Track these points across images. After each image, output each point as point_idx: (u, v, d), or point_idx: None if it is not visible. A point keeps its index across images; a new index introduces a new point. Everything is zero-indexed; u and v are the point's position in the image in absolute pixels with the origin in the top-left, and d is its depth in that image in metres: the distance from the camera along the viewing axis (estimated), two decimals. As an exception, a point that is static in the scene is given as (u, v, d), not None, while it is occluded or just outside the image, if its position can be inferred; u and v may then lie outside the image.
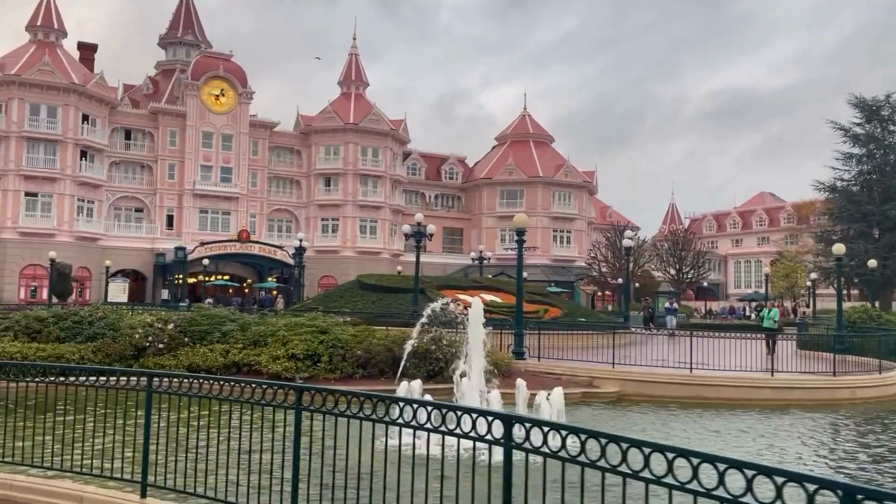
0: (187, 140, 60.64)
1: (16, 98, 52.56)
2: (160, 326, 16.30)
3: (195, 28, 70.67)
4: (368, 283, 28.18)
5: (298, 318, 16.63)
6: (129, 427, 6.59)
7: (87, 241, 54.73)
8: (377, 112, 67.49)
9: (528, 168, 72.38)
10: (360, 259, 65.02)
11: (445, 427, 3.97)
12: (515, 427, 3.57)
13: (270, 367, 15.19)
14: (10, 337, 15.73)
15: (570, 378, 15.81)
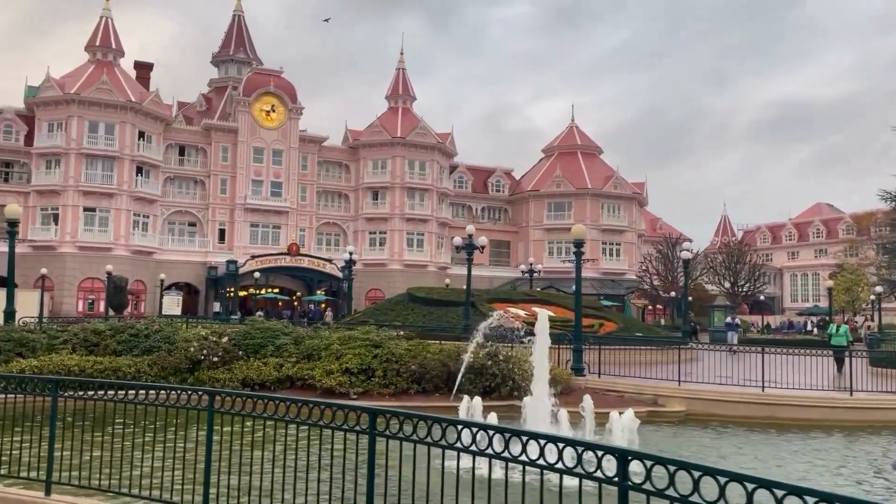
0: (239, 155, 61.69)
1: (75, 116, 54.26)
2: (214, 340, 16.22)
3: (246, 46, 72.11)
4: (419, 296, 27.89)
5: (352, 332, 16.38)
6: (174, 443, 6.29)
7: (142, 255, 55.97)
8: (424, 126, 67.63)
9: (577, 180, 71.46)
10: (407, 272, 65.00)
11: (544, 461, 3.54)
12: (633, 464, 3.11)
13: (324, 382, 14.94)
14: (69, 350, 15.85)
15: (633, 396, 15.14)
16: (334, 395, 14.85)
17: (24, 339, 15.43)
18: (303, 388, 15.58)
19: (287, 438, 5.61)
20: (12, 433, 6.58)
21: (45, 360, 14.95)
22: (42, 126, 54.90)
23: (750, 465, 10.37)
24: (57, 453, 6.15)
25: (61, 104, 54.25)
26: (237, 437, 5.57)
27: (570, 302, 31.03)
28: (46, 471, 5.82)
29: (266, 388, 15.69)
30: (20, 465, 6.06)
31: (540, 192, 71.58)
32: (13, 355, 15.05)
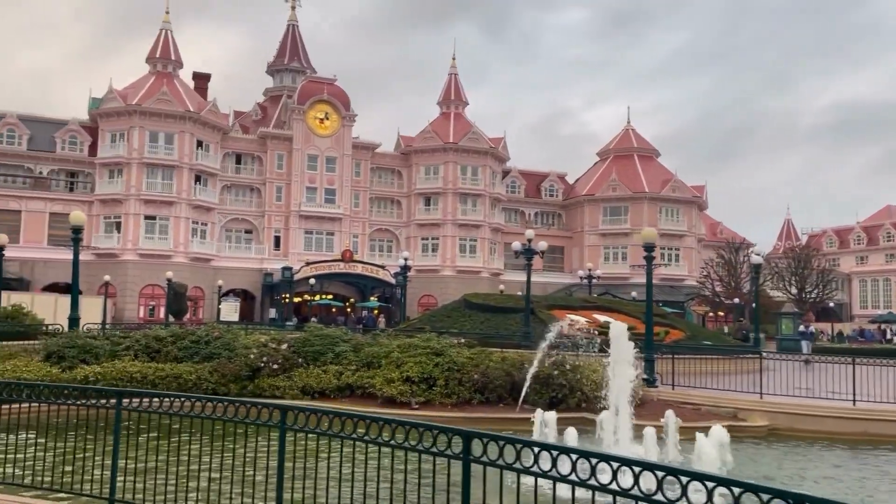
0: (293, 163, 62.36)
1: (137, 126, 55.68)
2: (274, 347, 16.02)
3: (300, 55, 73.03)
4: (475, 303, 27.35)
5: (412, 340, 15.94)
6: (243, 458, 5.88)
7: (200, 262, 56.98)
8: (476, 131, 67.19)
9: (633, 183, 69.89)
10: (460, 278, 64.59)
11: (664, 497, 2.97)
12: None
13: (385, 390, 14.53)
14: (131, 356, 15.85)
15: (710, 409, 14.26)
16: (395, 404, 14.44)
17: (87, 345, 15.49)
18: (363, 396, 15.22)
19: (357, 454, 5.12)
20: (75, 444, 6.29)
21: (108, 367, 14.97)
22: (105, 136, 56.51)
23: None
24: (120, 468, 5.83)
25: (123, 115, 55.75)
26: (310, 455, 5.11)
27: (632, 308, 30.08)
28: (109, 489, 5.51)
29: (326, 397, 15.39)
30: (83, 481, 5.77)
31: (595, 196, 70.24)
32: (77, 362, 15.12)
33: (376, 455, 4.99)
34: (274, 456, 5.46)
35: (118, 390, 5.80)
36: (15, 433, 6.97)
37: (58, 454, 6.38)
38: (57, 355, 15.14)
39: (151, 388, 15.03)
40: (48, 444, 6.46)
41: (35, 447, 6.62)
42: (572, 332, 14.88)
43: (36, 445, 6.62)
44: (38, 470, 6.26)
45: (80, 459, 6.36)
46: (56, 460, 6.41)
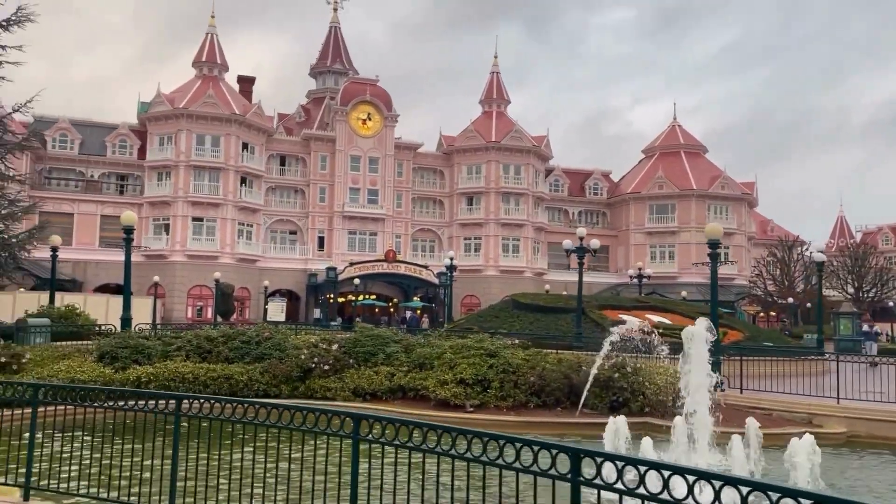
0: (337, 164, 62.58)
1: (184, 130, 56.51)
2: (325, 347, 15.77)
3: (343, 57, 73.34)
4: (524, 303, 26.80)
5: (464, 340, 15.52)
6: (313, 467, 5.50)
7: (246, 263, 57.57)
8: (519, 129, 66.51)
9: (680, 181, 68.30)
10: (503, 278, 64.03)
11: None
12: None
13: (438, 393, 14.13)
14: (183, 356, 15.78)
15: (782, 414, 13.49)
16: (449, 406, 14.03)
17: (140, 346, 15.47)
18: (415, 398, 14.86)
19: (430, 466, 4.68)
20: (132, 450, 6.00)
21: (161, 368, 14.90)
22: (153, 140, 57.51)
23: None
24: (180, 476, 5.53)
25: (171, 118, 56.65)
26: (387, 469, 4.69)
27: (685, 308, 29.14)
28: (169, 499, 5.21)
29: (377, 399, 15.08)
30: (140, 490, 5.49)
31: (641, 194, 68.84)
32: (130, 362, 15.10)
33: (447, 468, 4.53)
34: (331, 462, 5.09)
35: (178, 395, 5.50)
36: (70, 435, 6.75)
37: (112, 460, 6.10)
38: (110, 356, 15.15)
39: (203, 388, 14.92)
40: (103, 449, 6.20)
41: (91, 452, 6.38)
42: (634, 334, 14.23)
43: (92, 450, 6.39)
44: (93, 477, 6.01)
45: (138, 466, 6.10)
46: (111, 465, 6.15)
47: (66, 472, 6.58)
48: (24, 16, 17.73)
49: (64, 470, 6.51)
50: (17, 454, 7.43)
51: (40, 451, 6.59)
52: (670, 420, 13.07)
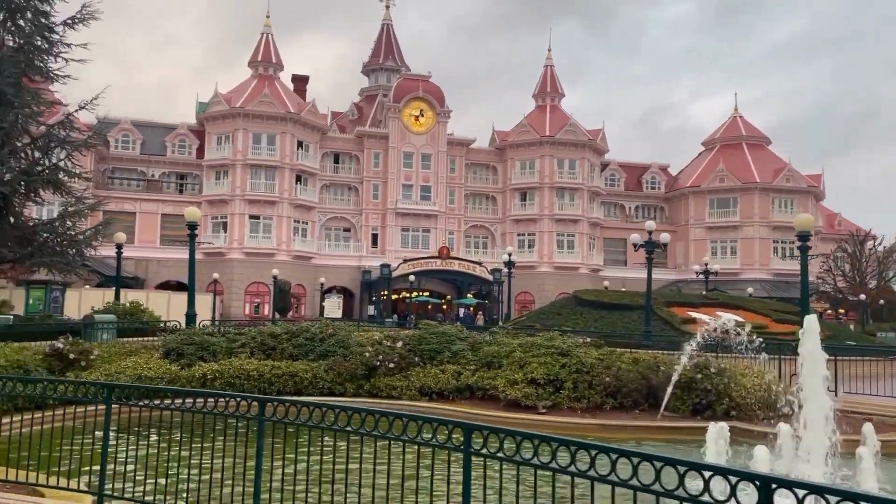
0: (390, 161, 62.57)
1: (241, 129, 57.28)
2: (389, 345, 15.38)
3: (395, 54, 73.31)
4: (587, 300, 26.00)
5: (534, 339, 14.92)
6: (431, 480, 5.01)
7: (301, 260, 58.04)
8: (574, 123, 65.29)
9: (742, 173, 66.01)
10: (558, 275, 63.08)
11: None
12: None
13: (508, 393, 13.56)
14: (247, 353, 15.61)
15: (882, 418, 12.48)
16: (520, 407, 13.46)
17: (205, 342, 15.37)
18: (483, 398, 14.34)
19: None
20: (211, 453, 5.62)
21: (226, 365, 14.75)
22: (211, 139, 58.47)
23: None
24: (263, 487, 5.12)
25: (228, 118, 57.48)
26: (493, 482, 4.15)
27: (758, 305, 27.86)
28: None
29: (444, 398, 14.62)
30: (222, 500, 5.11)
31: (701, 187, 66.81)
32: (195, 359, 14.99)
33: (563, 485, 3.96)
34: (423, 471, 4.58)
35: (261, 397, 5.09)
36: (140, 436, 6.43)
37: (189, 465, 5.74)
38: (176, 352, 15.08)
39: (268, 386, 14.71)
40: (179, 453, 5.85)
41: (167, 455, 6.04)
42: (724, 331, 13.36)
43: (168, 453, 6.05)
44: (168, 484, 5.67)
45: (213, 470, 5.73)
46: (189, 471, 5.79)
47: (139, 476, 6.28)
48: (89, 14, 17.90)
49: (138, 475, 6.20)
50: (83, 454, 7.21)
51: (115, 452, 6.30)
52: (759, 424, 12.25)
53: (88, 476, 6.57)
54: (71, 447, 6.90)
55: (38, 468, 6.58)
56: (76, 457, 6.89)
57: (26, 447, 6.44)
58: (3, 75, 15.94)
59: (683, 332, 21.45)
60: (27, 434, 6.74)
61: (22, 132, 17.75)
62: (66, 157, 18.54)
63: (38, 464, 6.67)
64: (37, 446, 6.29)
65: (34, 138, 17.98)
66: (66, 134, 18.11)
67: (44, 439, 6.40)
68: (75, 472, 6.52)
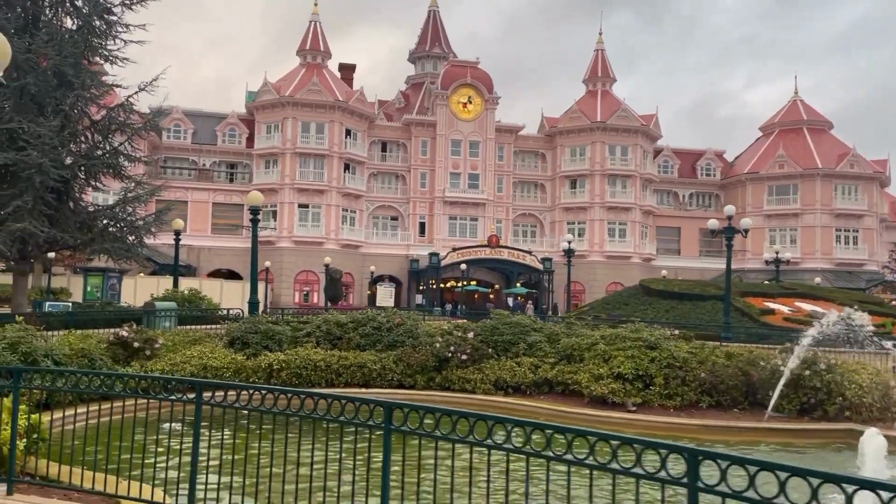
0: (437, 148, 61.75)
1: (290, 117, 57.11)
2: (460, 335, 14.57)
3: (441, 41, 72.30)
4: (656, 289, 24.82)
5: (617, 330, 13.93)
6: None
7: (350, 249, 57.75)
8: (626, 108, 63.45)
9: (803, 159, 63.32)
10: (609, 264, 61.61)
11: None
12: None
13: (593, 389, 12.63)
14: (313, 343, 14.99)
15: None
16: (606, 405, 12.53)
17: (270, 331, 14.80)
18: (563, 394, 13.44)
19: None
20: (310, 460, 4.87)
21: (292, 355, 14.16)
22: (261, 128, 58.48)
23: None
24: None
25: (277, 106, 57.37)
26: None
27: (841, 295, 26.29)
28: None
29: (521, 393, 13.77)
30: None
31: (759, 174, 64.33)
32: (261, 348, 14.44)
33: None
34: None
35: (386, 402, 4.29)
36: (224, 439, 5.71)
37: (284, 475, 5.00)
38: (240, 341, 14.54)
39: (335, 377, 14.07)
40: (273, 459, 5.10)
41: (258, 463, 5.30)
42: (833, 324, 12.19)
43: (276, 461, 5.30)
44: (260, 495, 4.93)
45: (319, 481, 4.96)
46: (284, 480, 5.04)
47: (231, 484, 5.57)
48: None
49: (226, 485, 5.49)
50: (160, 453, 6.52)
51: (206, 461, 5.59)
52: (878, 426, 11.06)
53: (164, 480, 5.85)
54: (144, 443, 6.26)
55: (118, 470, 5.93)
56: (159, 458, 6.23)
57: (94, 442, 5.76)
58: (63, 56, 15.56)
59: (764, 324, 20.15)
60: (95, 427, 6.06)
61: (81, 115, 17.43)
62: (126, 142, 18.19)
63: (117, 466, 6.03)
64: (107, 445, 5.61)
65: (94, 122, 17.66)
66: (126, 117, 17.76)
67: (113, 432, 5.74)
68: (151, 475, 5.82)
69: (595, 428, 11.36)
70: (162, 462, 6.01)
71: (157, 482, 5.60)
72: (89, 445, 6.38)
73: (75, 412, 7.45)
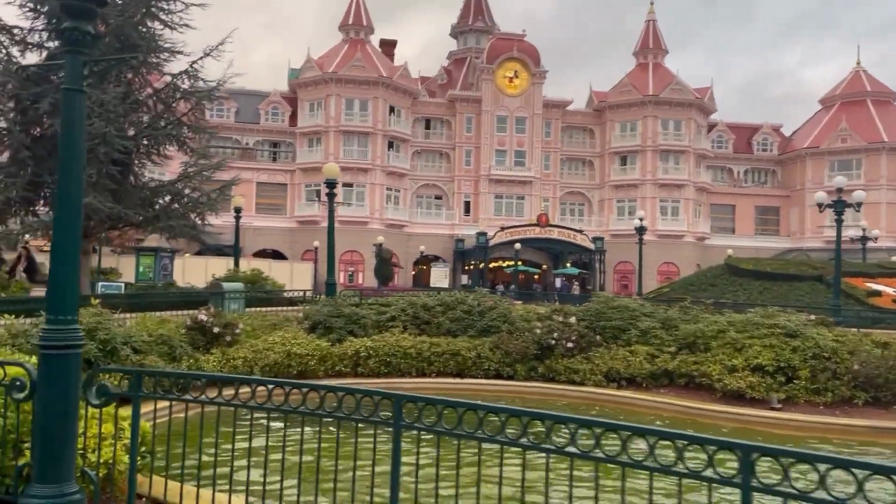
0: (482, 125, 60.05)
1: (333, 94, 55.85)
2: (561, 320, 13.15)
3: (485, 15, 70.20)
4: (744, 269, 23.07)
5: (749, 316, 12.38)
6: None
7: (394, 228, 56.57)
8: (679, 81, 60.88)
9: (867, 132, 60.22)
10: (661, 243, 59.44)
11: None
12: None
13: (727, 382, 11.15)
14: (399, 327, 13.72)
15: None
16: (743, 401, 11.04)
17: (354, 315, 13.59)
18: (688, 387, 11.98)
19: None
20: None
21: (379, 341, 12.93)
22: (304, 106, 57.35)
23: None
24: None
25: (320, 83, 56.13)
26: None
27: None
28: None
29: (636, 385, 12.34)
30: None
31: (820, 148, 61.39)
32: (345, 333, 13.21)
33: None
34: None
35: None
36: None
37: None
38: (323, 326, 13.33)
39: (427, 366, 12.80)
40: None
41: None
42: None
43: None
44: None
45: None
46: None
47: None
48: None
49: None
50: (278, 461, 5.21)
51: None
52: None
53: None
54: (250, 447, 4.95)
55: (231, 488, 4.63)
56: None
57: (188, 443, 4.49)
58: (127, 17, 14.40)
59: (873, 307, 18.38)
60: (188, 423, 4.79)
61: (144, 83, 16.31)
62: (191, 111, 17.05)
63: (227, 482, 4.74)
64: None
65: (156, 90, 16.54)
66: (191, 84, 16.62)
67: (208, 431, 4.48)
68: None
69: (734, 427, 9.79)
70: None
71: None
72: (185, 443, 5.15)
73: (155, 406, 6.19)
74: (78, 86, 4.52)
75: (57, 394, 4.37)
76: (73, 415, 4.40)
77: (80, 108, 4.56)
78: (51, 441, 4.36)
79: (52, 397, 4.37)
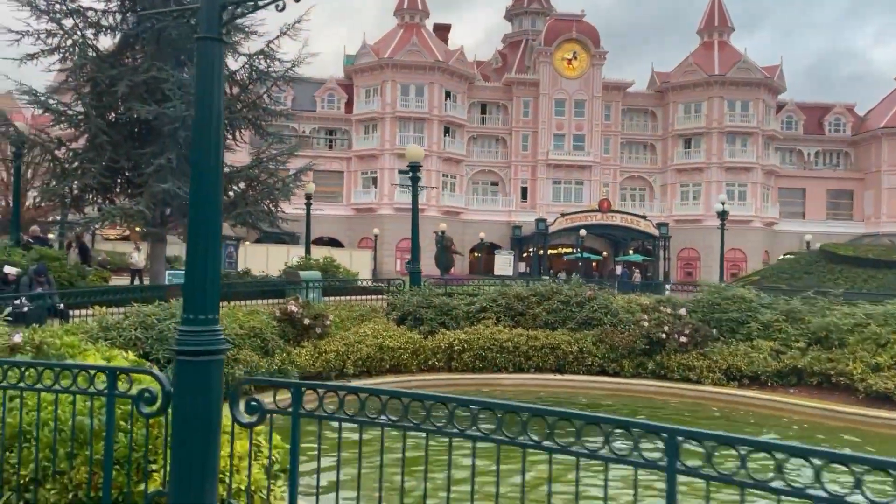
0: (540, 109, 58.61)
1: (389, 80, 55.19)
2: (670, 312, 12.10)
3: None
4: (843, 255, 21.48)
5: (889, 308, 11.11)
6: None
7: (450, 215, 55.76)
8: (746, 59, 58.24)
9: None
10: (727, 229, 56.56)
11: None
12: None
13: (871, 383, 9.97)
14: (492, 319, 12.87)
15: None
16: (890, 403, 9.81)
17: (444, 306, 12.82)
18: (820, 387, 10.83)
19: None
20: None
21: (473, 334, 12.16)
22: (360, 92, 56.87)
23: None
24: None
25: (376, 69, 55.52)
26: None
27: None
28: None
29: (759, 384, 11.23)
30: None
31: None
32: (436, 325, 12.44)
33: None
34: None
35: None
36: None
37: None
38: (413, 317, 12.57)
39: (524, 360, 11.94)
40: None
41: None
42: None
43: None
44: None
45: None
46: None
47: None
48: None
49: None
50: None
51: None
52: None
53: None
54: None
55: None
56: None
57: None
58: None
59: None
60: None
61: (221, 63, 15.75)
62: (266, 94, 16.47)
63: None
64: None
65: (232, 71, 16.00)
66: (268, 64, 16.01)
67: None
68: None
69: (881, 433, 8.55)
70: None
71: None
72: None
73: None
74: (215, 34, 3.76)
75: (196, 409, 3.64)
76: (215, 434, 3.67)
77: (218, 62, 3.80)
78: (187, 465, 3.64)
79: (190, 413, 3.64)
